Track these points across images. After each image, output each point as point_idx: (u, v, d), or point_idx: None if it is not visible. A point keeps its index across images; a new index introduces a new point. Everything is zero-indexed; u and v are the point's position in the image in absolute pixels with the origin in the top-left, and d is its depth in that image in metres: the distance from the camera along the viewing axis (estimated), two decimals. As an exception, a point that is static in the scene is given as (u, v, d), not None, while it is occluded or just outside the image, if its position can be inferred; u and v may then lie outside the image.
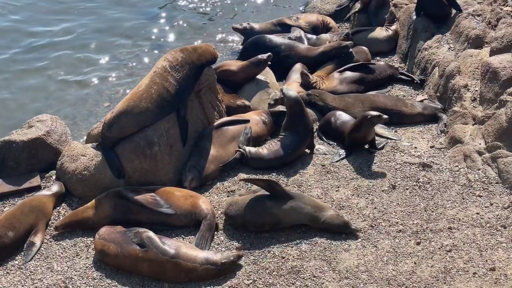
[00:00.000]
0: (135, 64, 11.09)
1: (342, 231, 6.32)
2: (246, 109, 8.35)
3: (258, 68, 8.91)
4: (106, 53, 11.51)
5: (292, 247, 6.25)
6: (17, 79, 10.74)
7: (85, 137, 7.88)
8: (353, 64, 9.23)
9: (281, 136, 7.59)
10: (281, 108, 8.11)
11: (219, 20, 12.48)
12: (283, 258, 6.13)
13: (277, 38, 9.83)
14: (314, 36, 10.21)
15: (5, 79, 10.75)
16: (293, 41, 9.82)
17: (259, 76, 8.97)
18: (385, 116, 7.34)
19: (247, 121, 7.86)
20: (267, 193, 6.53)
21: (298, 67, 9.25)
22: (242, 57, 9.76)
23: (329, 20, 10.94)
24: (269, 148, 7.49)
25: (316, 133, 8.05)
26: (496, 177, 6.97)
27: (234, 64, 9.06)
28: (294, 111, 7.55)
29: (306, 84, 8.87)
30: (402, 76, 9.26)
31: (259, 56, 8.88)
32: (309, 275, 5.90)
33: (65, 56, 11.41)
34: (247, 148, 7.49)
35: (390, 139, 7.87)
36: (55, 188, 7.14)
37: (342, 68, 9.18)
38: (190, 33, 12.05)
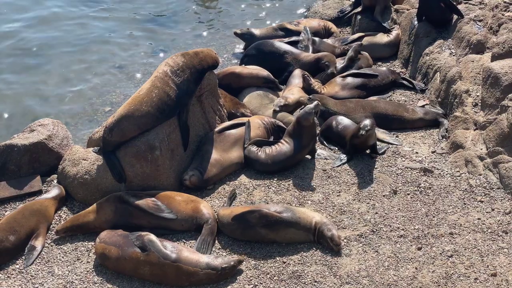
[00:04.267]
0: (136, 69, 11.10)
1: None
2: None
3: (264, 85, 9.01)
4: (107, 57, 11.52)
5: (293, 252, 6.25)
6: (19, 83, 10.75)
7: (86, 141, 7.88)
8: (355, 70, 9.25)
9: (283, 142, 7.56)
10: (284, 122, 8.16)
11: (221, 25, 12.49)
12: (284, 262, 6.12)
13: (278, 44, 9.82)
14: (316, 39, 10.20)
15: (7, 82, 10.76)
16: (294, 48, 9.80)
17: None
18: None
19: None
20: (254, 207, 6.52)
21: (297, 72, 9.27)
22: (244, 62, 9.77)
23: (331, 25, 10.94)
24: (268, 152, 7.48)
25: (317, 138, 8.04)
26: (498, 183, 6.96)
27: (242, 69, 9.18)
28: (303, 125, 7.49)
29: (307, 87, 8.88)
30: (404, 82, 9.27)
31: (276, 81, 9.09)
32: (310, 280, 5.89)
33: (67, 60, 11.42)
34: (249, 147, 7.52)
35: (392, 144, 7.88)
36: (55, 191, 7.15)
37: (345, 73, 9.19)
38: (192, 38, 12.06)
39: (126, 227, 6.49)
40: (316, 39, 10.16)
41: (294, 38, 10.16)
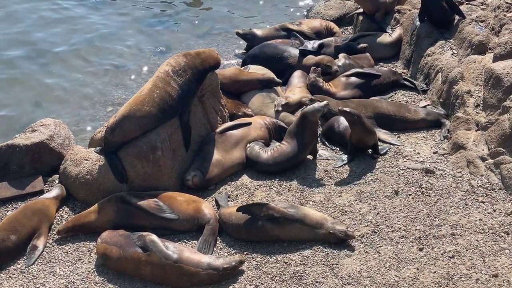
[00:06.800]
0: (138, 69, 11.10)
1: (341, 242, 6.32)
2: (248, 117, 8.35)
3: (263, 86, 8.95)
4: (108, 58, 11.52)
5: (294, 252, 6.25)
6: (20, 83, 10.76)
7: (88, 142, 7.89)
8: (359, 70, 9.24)
9: (284, 142, 7.55)
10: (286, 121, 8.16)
11: (223, 25, 12.49)
12: (286, 263, 6.12)
13: (281, 46, 9.82)
14: (317, 42, 10.19)
15: (8, 83, 10.77)
16: (296, 49, 9.80)
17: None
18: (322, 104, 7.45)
19: (249, 123, 7.85)
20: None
21: (298, 73, 9.27)
22: (247, 63, 9.74)
23: (333, 25, 10.93)
24: (270, 153, 7.47)
25: (319, 139, 8.04)
26: (499, 183, 6.96)
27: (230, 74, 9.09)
28: (309, 119, 7.49)
29: (315, 80, 8.84)
30: (406, 82, 9.26)
31: (272, 78, 8.94)
32: (312, 281, 5.89)
33: (68, 61, 11.43)
34: (252, 145, 7.52)
35: (393, 144, 7.87)
36: (56, 191, 7.16)
37: (348, 72, 9.19)
38: (193, 38, 12.06)
39: (128, 227, 6.49)
40: (325, 42, 10.13)
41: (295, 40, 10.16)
